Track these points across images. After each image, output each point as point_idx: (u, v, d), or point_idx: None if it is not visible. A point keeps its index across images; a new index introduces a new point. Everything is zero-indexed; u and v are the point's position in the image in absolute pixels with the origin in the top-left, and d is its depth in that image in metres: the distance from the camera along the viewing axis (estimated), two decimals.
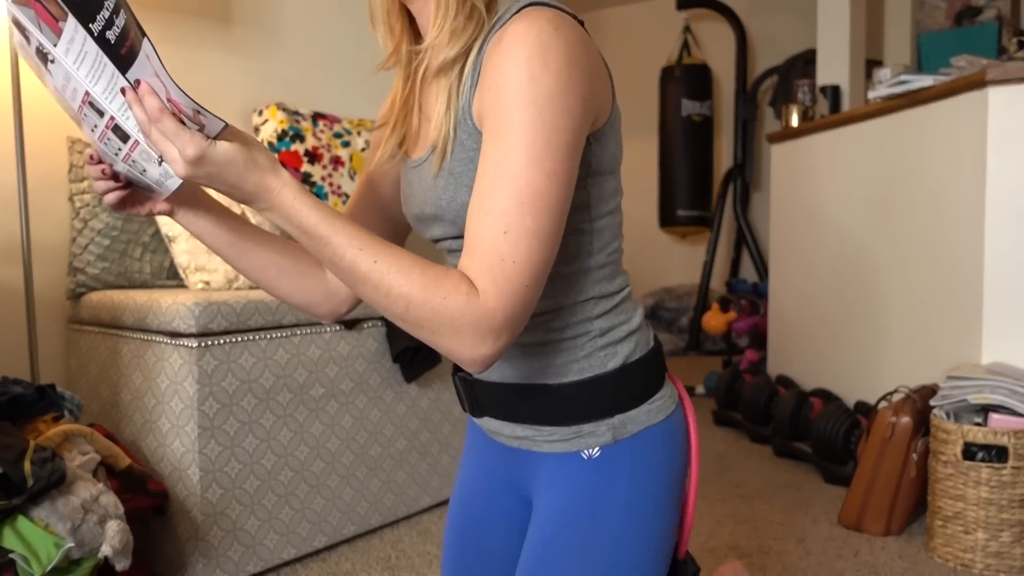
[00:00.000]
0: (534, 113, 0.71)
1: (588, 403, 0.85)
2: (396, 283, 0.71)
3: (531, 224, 0.71)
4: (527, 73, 0.72)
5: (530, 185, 0.71)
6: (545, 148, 0.72)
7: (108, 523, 1.41)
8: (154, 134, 0.69)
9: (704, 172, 4.50)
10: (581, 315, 0.85)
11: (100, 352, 1.94)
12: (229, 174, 0.71)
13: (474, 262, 0.72)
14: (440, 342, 0.72)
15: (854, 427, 2.50)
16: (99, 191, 0.83)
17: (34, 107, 2.02)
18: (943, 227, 2.35)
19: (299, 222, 0.72)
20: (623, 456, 0.86)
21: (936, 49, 3.33)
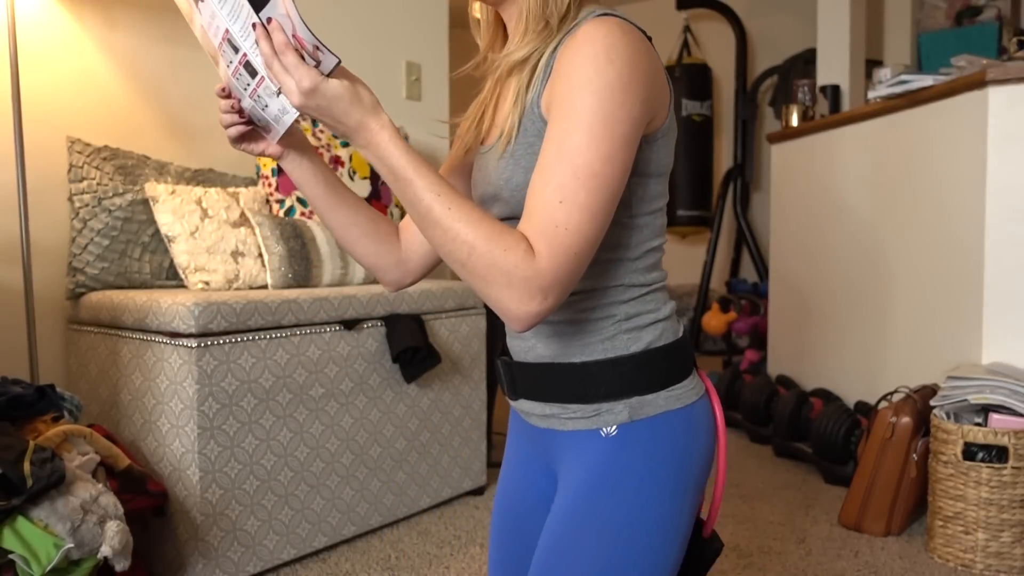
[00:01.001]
0: (596, 101, 0.79)
1: (608, 382, 0.90)
2: (464, 230, 0.78)
3: (584, 199, 0.78)
4: (593, 66, 0.80)
5: (587, 164, 0.78)
6: (604, 133, 0.79)
7: (108, 523, 1.40)
8: (276, 66, 0.77)
9: (704, 172, 4.49)
10: (609, 299, 0.91)
11: (100, 352, 1.94)
12: (336, 108, 0.78)
13: (531, 225, 0.79)
14: (492, 293, 0.78)
15: (854, 427, 2.50)
16: (224, 123, 0.94)
17: (34, 107, 2.02)
18: (943, 227, 2.34)
19: (389, 162, 0.80)
20: (640, 436, 0.89)
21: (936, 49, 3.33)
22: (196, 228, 2.06)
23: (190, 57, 2.39)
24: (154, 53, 2.30)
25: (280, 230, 2.15)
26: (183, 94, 2.37)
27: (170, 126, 2.34)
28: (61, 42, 2.10)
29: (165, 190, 2.07)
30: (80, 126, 2.13)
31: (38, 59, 2.05)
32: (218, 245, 2.06)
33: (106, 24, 2.19)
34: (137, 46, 2.26)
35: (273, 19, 0.76)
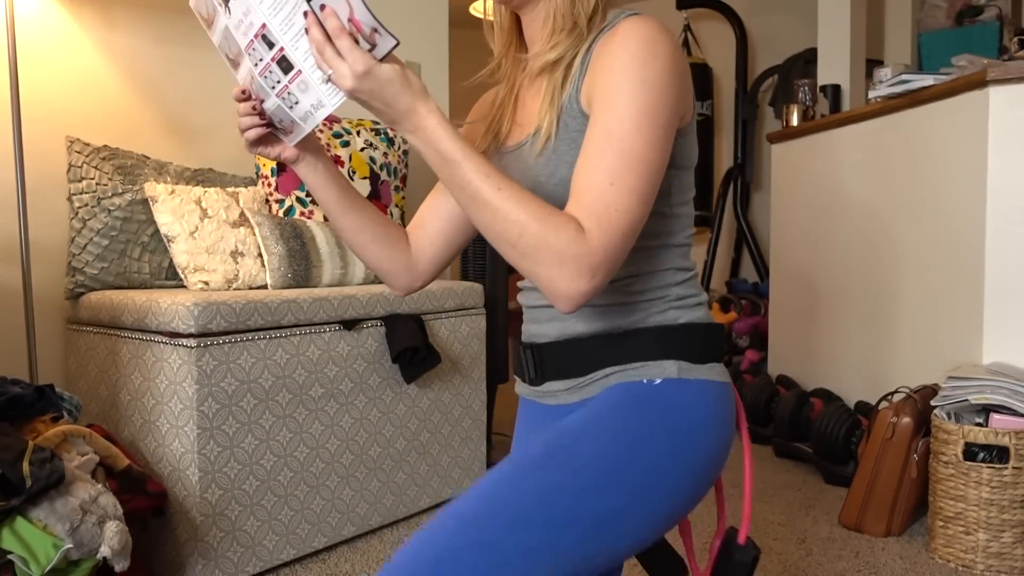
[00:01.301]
0: (643, 91, 0.82)
1: (659, 344, 0.93)
2: (514, 210, 0.79)
3: (633, 182, 0.81)
4: (639, 58, 0.83)
5: (634, 149, 0.81)
6: (649, 121, 0.82)
7: (107, 524, 1.40)
8: (328, 52, 0.76)
9: (704, 172, 4.49)
10: (661, 282, 0.95)
11: (99, 352, 1.94)
12: (387, 92, 0.78)
13: (581, 206, 0.80)
14: (542, 272, 0.79)
15: (855, 427, 2.49)
16: (243, 126, 0.92)
17: (33, 107, 2.02)
18: (944, 227, 2.34)
19: (438, 146, 0.80)
20: (681, 391, 0.91)
21: (937, 49, 3.32)
22: (195, 228, 2.05)
23: (190, 57, 2.39)
24: (154, 53, 2.30)
25: (280, 230, 2.15)
26: (183, 94, 2.37)
27: (169, 126, 2.34)
28: (60, 42, 2.10)
29: (164, 190, 2.07)
30: (79, 126, 2.13)
31: (37, 59, 2.05)
32: (217, 245, 2.06)
33: (106, 24, 2.19)
34: (137, 46, 2.26)
35: (327, 6, 0.76)
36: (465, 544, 0.81)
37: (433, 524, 0.84)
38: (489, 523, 0.82)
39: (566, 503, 0.84)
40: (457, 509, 0.84)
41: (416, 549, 0.82)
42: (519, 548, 0.82)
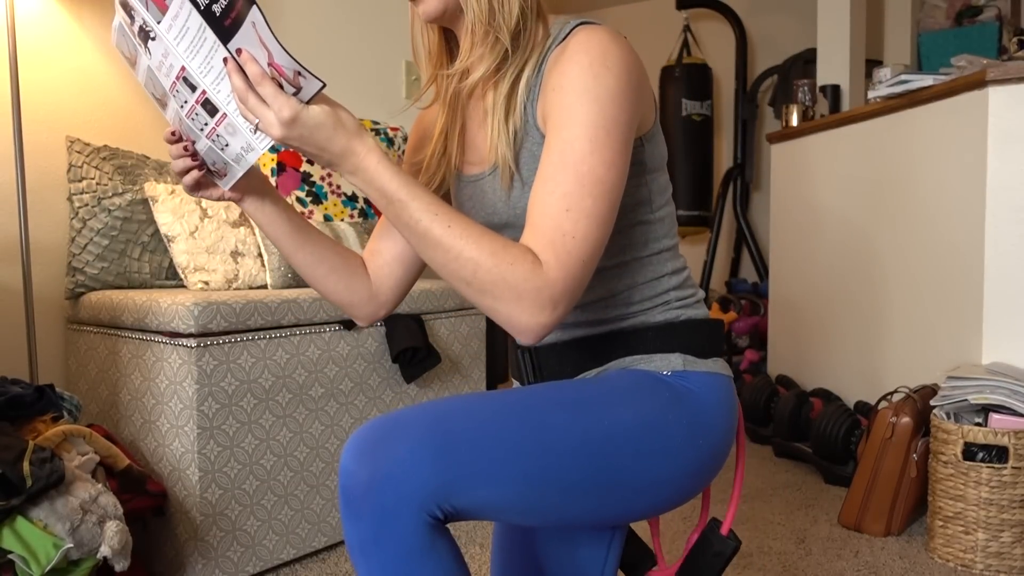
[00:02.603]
0: (596, 107, 0.79)
1: (664, 339, 0.94)
2: (467, 248, 0.76)
3: (591, 206, 0.78)
4: (591, 73, 0.80)
5: (591, 170, 0.78)
6: (605, 138, 0.79)
7: (107, 523, 1.40)
8: (251, 100, 0.73)
9: (704, 172, 4.49)
10: (658, 288, 0.95)
11: (99, 352, 1.94)
12: (319, 136, 0.75)
13: (537, 236, 0.78)
14: (500, 308, 0.77)
15: (854, 427, 2.50)
16: (178, 170, 0.89)
17: (33, 106, 2.02)
18: (943, 227, 2.34)
19: (380, 185, 0.77)
20: (688, 383, 0.92)
21: (936, 49, 3.33)
22: (196, 228, 2.06)
23: None
24: None
25: None
26: None
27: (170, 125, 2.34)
28: (61, 42, 2.10)
29: (165, 190, 2.07)
30: (79, 126, 2.13)
31: (38, 59, 2.05)
32: (217, 245, 2.06)
33: (106, 24, 2.19)
34: None
35: (244, 50, 0.72)
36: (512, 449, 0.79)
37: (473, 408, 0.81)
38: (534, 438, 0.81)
39: (598, 452, 0.84)
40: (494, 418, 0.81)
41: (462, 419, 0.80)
42: (556, 475, 0.81)
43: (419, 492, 0.74)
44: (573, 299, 0.78)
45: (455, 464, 0.75)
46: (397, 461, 0.74)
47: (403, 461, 0.74)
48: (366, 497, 0.75)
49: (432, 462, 0.75)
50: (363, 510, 0.75)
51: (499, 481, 0.78)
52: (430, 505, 0.75)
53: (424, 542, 0.75)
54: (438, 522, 0.76)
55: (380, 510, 0.74)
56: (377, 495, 0.74)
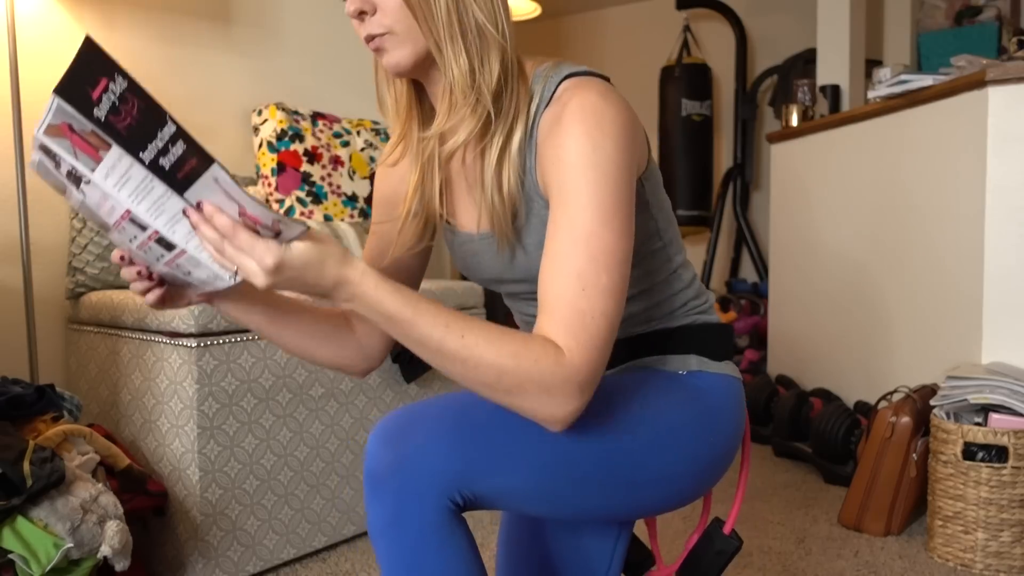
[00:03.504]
0: (600, 177, 0.77)
1: (681, 340, 0.96)
2: (486, 354, 0.73)
3: (606, 281, 0.76)
4: (589, 143, 0.78)
5: (602, 244, 0.77)
6: (613, 207, 0.77)
7: (107, 523, 1.40)
8: (229, 250, 0.68)
9: (704, 172, 4.49)
10: (676, 303, 0.98)
11: (99, 352, 1.94)
12: (308, 275, 0.71)
13: (555, 322, 0.75)
14: (527, 405, 0.75)
15: (854, 427, 2.50)
16: (137, 291, 0.82)
17: (34, 107, 2.02)
18: (943, 227, 2.34)
19: (382, 309, 0.73)
20: (701, 383, 0.95)
21: (936, 49, 3.33)
22: None
23: (190, 57, 2.39)
24: (154, 53, 2.30)
25: None
26: (183, 94, 2.37)
27: None
28: (61, 42, 2.10)
29: None
30: None
31: (38, 59, 2.05)
32: None
33: (106, 24, 2.19)
34: (137, 46, 2.26)
35: (205, 202, 0.67)
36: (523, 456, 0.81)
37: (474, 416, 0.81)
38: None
39: (616, 455, 0.86)
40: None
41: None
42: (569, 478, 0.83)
43: (441, 476, 0.77)
44: (599, 376, 0.77)
45: (477, 451, 0.78)
46: (422, 446, 0.77)
47: (428, 446, 0.77)
48: (391, 478, 0.77)
49: (455, 448, 0.78)
50: (387, 491, 0.78)
51: (517, 470, 0.80)
52: (451, 490, 0.77)
53: (443, 526, 0.78)
54: (457, 508, 0.79)
55: (403, 491, 0.77)
56: (401, 477, 0.77)
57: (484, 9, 0.83)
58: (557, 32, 5.32)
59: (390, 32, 0.83)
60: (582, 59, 5.84)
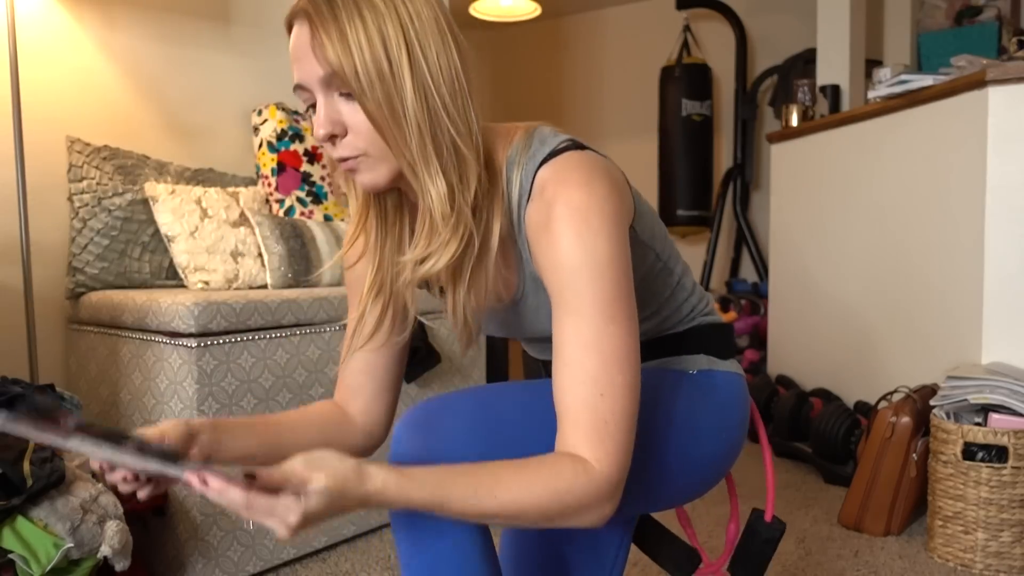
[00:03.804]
0: (597, 278, 0.77)
1: (686, 345, 0.99)
2: (524, 500, 0.74)
3: (621, 380, 0.77)
4: (580, 247, 0.77)
5: (612, 344, 0.77)
6: (615, 303, 0.77)
7: (107, 523, 1.41)
8: (249, 514, 0.70)
9: (704, 172, 4.49)
10: (682, 312, 1.00)
11: (99, 352, 1.94)
12: (334, 510, 0.71)
13: (579, 433, 0.76)
14: (570, 522, 0.77)
15: (854, 427, 2.50)
16: (126, 492, 0.81)
17: (34, 107, 2.02)
18: (943, 227, 2.34)
19: (413, 505, 0.74)
20: (713, 381, 0.98)
21: (936, 49, 3.33)
22: (196, 228, 2.06)
23: (190, 57, 2.39)
24: (154, 53, 2.30)
25: (280, 230, 2.15)
26: (183, 94, 2.37)
27: (170, 126, 2.34)
28: (61, 42, 2.10)
29: (165, 190, 2.07)
30: (80, 126, 2.13)
31: (38, 59, 2.05)
32: (218, 245, 2.06)
33: (106, 24, 2.19)
34: (137, 46, 2.26)
35: (210, 477, 0.69)
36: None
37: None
38: None
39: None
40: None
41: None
42: None
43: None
44: (627, 471, 0.78)
45: (499, 441, 0.80)
46: (447, 434, 0.80)
47: (453, 435, 0.80)
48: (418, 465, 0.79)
49: (479, 438, 0.80)
50: None
51: None
52: None
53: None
54: None
55: None
56: (428, 463, 0.78)
57: (458, 122, 0.79)
58: (557, 32, 5.32)
59: (364, 154, 0.81)
60: (582, 59, 5.83)
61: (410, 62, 0.76)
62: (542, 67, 5.42)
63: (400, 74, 0.76)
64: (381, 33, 0.76)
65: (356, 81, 0.76)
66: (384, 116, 0.77)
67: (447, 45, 0.79)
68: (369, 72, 0.76)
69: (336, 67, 0.76)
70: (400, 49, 0.76)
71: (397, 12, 0.77)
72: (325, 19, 0.76)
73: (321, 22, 0.76)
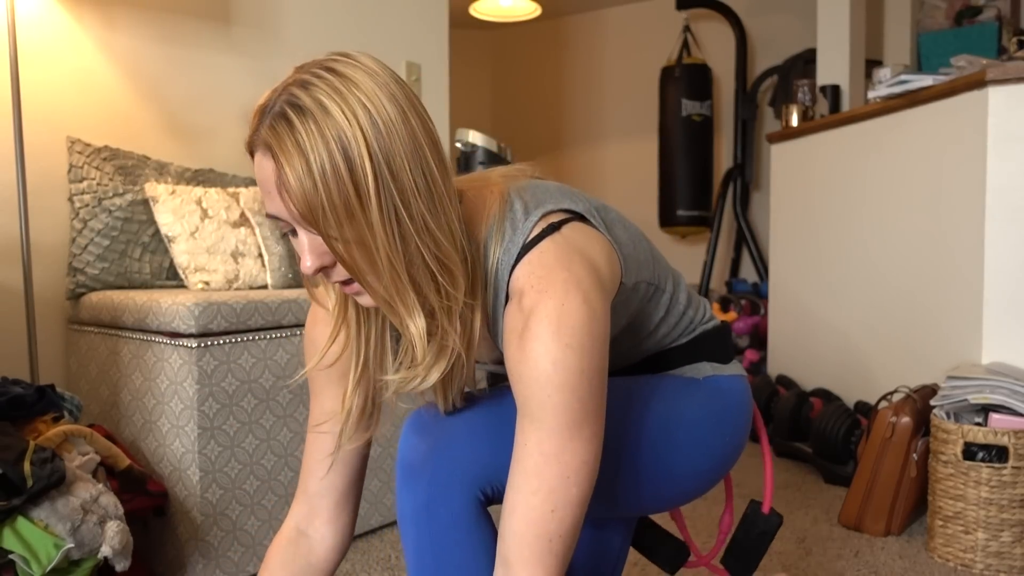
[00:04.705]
0: (567, 394, 0.75)
1: (690, 355, 1.00)
2: None
3: (576, 494, 0.76)
4: (550, 364, 0.74)
5: (575, 457, 0.76)
6: (583, 416, 0.76)
7: (108, 523, 1.41)
8: None
9: (704, 172, 4.49)
10: (683, 324, 1.00)
11: (100, 352, 1.94)
12: None
13: (523, 550, 0.75)
14: None
15: (854, 427, 2.50)
16: None
17: (34, 107, 2.02)
18: (943, 227, 2.34)
19: None
20: (719, 386, 0.99)
21: (936, 49, 3.33)
22: (196, 228, 2.06)
23: (190, 57, 2.39)
24: (154, 53, 2.30)
25: (280, 230, 2.16)
26: (183, 94, 2.37)
27: (170, 126, 2.34)
28: (61, 42, 2.10)
29: (165, 190, 2.07)
30: (80, 126, 2.13)
31: (38, 59, 2.05)
32: (218, 245, 2.06)
33: (106, 24, 2.19)
34: (137, 46, 2.26)
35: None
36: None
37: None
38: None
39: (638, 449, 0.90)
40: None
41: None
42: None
43: (473, 468, 0.80)
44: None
45: (507, 446, 0.80)
46: (456, 437, 0.81)
47: (462, 437, 0.81)
48: (424, 466, 0.81)
49: (487, 442, 0.81)
50: (420, 478, 0.81)
51: None
52: (482, 482, 0.81)
53: (472, 517, 0.81)
54: (486, 501, 0.82)
55: (436, 480, 0.80)
56: (435, 465, 0.80)
57: (436, 233, 0.75)
58: (557, 32, 5.32)
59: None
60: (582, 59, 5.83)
61: (377, 185, 0.71)
62: (542, 67, 5.42)
63: (368, 205, 0.71)
64: (346, 155, 0.70)
65: (325, 222, 0.71)
66: (355, 258, 0.74)
67: (414, 137, 0.74)
68: (338, 211, 0.71)
69: (304, 213, 0.71)
70: (366, 170, 0.71)
71: (358, 120, 0.71)
72: (289, 152, 0.70)
73: (286, 157, 0.70)
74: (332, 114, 0.71)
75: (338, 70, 0.74)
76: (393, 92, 0.74)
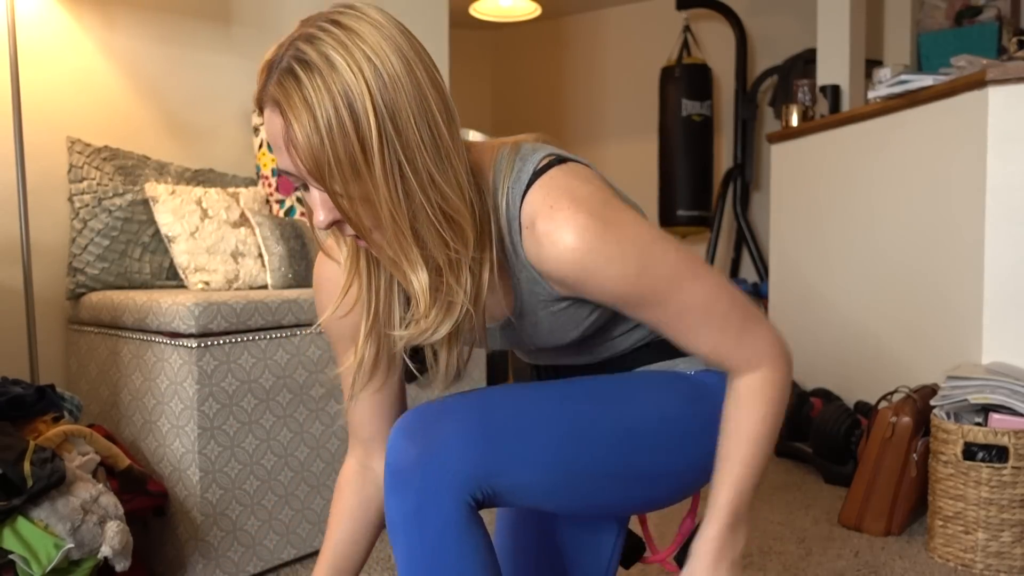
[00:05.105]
0: (654, 265, 0.80)
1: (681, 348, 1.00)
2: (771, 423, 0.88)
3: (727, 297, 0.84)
4: (620, 261, 0.78)
5: (708, 294, 0.83)
6: (684, 266, 0.82)
7: (108, 524, 1.41)
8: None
9: (704, 172, 4.49)
10: None
11: (100, 352, 1.94)
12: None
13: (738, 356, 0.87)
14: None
15: (854, 427, 2.50)
16: None
17: (34, 107, 2.02)
18: (943, 227, 2.34)
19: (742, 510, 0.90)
20: (712, 377, 0.98)
21: (936, 49, 3.33)
22: (196, 228, 2.06)
23: (190, 57, 2.39)
24: (154, 53, 2.30)
25: (280, 230, 2.15)
26: (183, 94, 2.37)
27: (170, 126, 2.34)
28: (61, 42, 2.10)
29: (165, 190, 2.07)
30: (80, 126, 2.13)
31: (38, 59, 2.05)
32: (218, 245, 2.06)
33: (106, 24, 2.19)
34: (137, 46, 2.26)
35: None
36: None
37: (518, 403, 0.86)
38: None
39: (627, 445, 0.90)
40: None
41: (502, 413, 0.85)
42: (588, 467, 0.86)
43: (463, 472, 0.79)
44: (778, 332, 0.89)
45: (497, 448, 0.80)
46: (445, 441, 0.79)
47: (451, 441, 0.79)
48: (414, 472, 0.79)
49: (477, 446, 0.79)
50: (409, 484, 0.79)
51: (536, 467, 0.82)
52: (472, 487, 0.79)
53: (463, 522, 0.80)
54: (476, 505, 0.81)
55: (426, 485, 0.79)
56: (424, 471, 0.78)
57: (443, 186, 0.75)
58: (557, 32, 5.32)
59: None
60: (582, 59, 5.83)
61: (381, 141, 0.71)
62: (542, 67, 5.42)
63: (372, 161, 0.71)
64: (352, 110, 0.70)
65: (331, 179, 0.72)
66: (359, 214, 0.74)
67: (419, 90, 0.73)
68: (343, 168, 0.71)
69: (311, 169, 0.72)
70: (371, 125, 0.70)
71: (363, 74, 0.70)
72: (297, 109, 0.70)
73: (294, 114, 0.70)
74: (338, 68, 0.70)
75: (343, 23, 0.73)
76: (399, 44, 0.74)
